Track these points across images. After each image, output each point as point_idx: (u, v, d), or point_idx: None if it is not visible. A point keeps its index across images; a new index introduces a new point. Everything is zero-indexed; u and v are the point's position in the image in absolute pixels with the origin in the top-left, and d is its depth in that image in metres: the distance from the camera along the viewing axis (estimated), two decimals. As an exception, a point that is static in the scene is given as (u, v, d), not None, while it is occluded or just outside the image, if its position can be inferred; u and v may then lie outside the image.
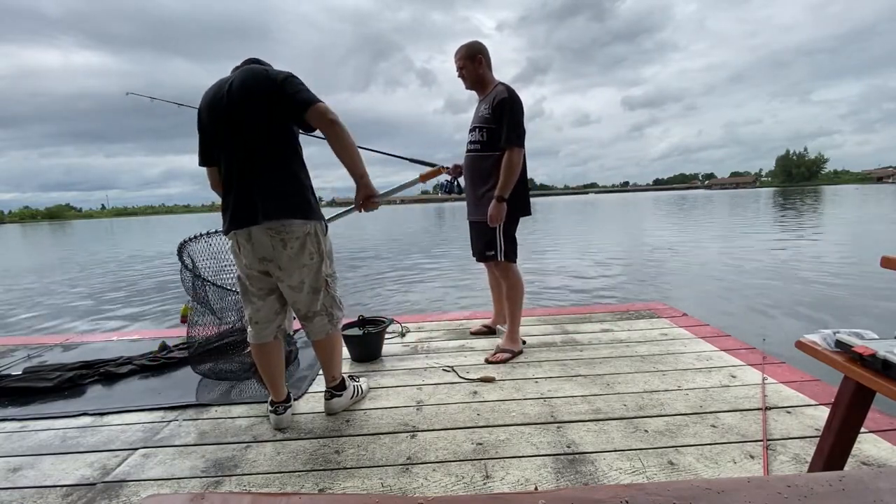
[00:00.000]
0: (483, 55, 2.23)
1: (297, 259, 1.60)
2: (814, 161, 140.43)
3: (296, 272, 1.62)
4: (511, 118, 2.13)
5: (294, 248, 1.59)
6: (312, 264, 1.64)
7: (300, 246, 1.60)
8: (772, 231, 12.51)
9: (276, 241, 1.57)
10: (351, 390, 1.87)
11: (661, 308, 3.12)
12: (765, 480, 0.51)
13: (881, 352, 0.94)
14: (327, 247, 1.71)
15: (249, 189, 1.56)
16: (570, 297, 5.69)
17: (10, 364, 2.53)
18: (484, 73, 2.26)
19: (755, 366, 2.08)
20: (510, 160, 2.12)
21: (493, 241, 2.28)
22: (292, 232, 1.57)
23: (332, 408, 1.81)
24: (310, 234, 1.61)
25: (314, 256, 1.64)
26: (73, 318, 5.80)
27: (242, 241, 1.60)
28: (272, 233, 1.56)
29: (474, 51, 2.23)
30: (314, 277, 1.66)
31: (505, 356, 2.27)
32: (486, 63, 2.25)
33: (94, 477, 1.46)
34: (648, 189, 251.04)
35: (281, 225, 1.55)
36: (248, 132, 1.55)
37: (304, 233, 1.59)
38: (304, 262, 1.62)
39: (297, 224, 1.58)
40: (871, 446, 1.43)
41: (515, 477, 1.35)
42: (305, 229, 1.60)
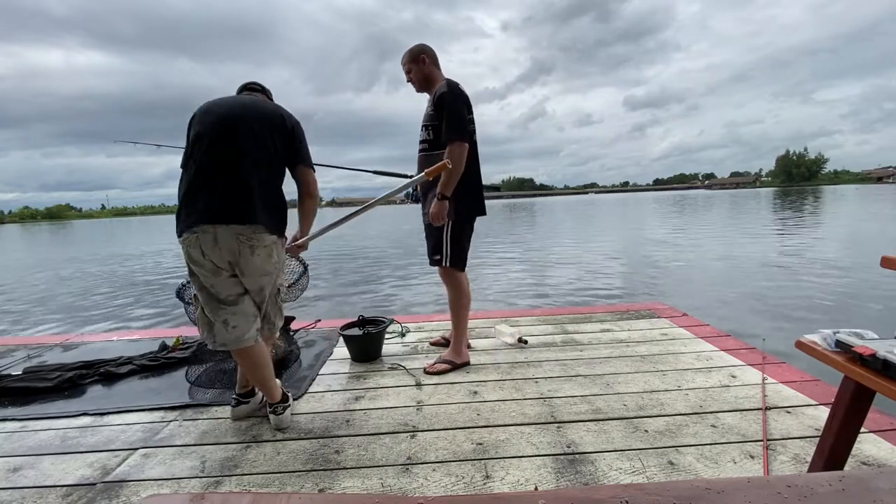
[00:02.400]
0: (426, 54, 2.19)
1: (263, 266, 1.63)
2: (814, 161, 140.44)
3: (259, 278, 1.64)
4: (450, 112, 2.03)
5: (261, 255, 1.61)
6: (274, 273, 1.69)
7: (267, 254, 1.63)
8: (772, 231, 12.51)
9: (245, 247, 1.57)
10: (259, 397, 1.85)
11: (661, 308, 3.12)
12: (765, 480, 0.51)
13: (881, 352, 0.94)
14: (283, 258, 1.78)
15: (243, 188, 1.56)
16: (570, 297, 5.69)
17: (10, 364, 2.52)
18: (430, 73, 2.20)
19: (755, 366, 2.08)
20: (450, 155, 2.01)
21: (439, 245, 2.18)
22: (262, 240, 1.60)
23: (236, 414, 1.81)
24: (276, 244, 1.67)
25: (277, 266, 1.70)
26: (73, 318, 5.80)
27: (207, 243, 1.55)
28: (242, 238, 1.56)
29: (417, 52, 2.19)
30: (271, 286, 1.71)
31: (443, 367, 2.18)
32: (431, 62, 2.20)
33: (94, 477, 1.46)
34: (648, 189, 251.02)
35: (253, 231, 1.57)
36: (254, 143, 1.61)
37: (271, 242, 1.64)
38: (269, 270, 1.66)
39: (266, 234, 1.61)
40: (871, 446, 1.43)
41: (515, 477, 1.35)
42: (273, 239, 1.65)
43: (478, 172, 2.20)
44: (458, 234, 2.16)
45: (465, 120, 2.07)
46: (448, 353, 2.26)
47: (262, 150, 1.62)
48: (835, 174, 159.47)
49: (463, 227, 2.19)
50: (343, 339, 2.42)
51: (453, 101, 2.05)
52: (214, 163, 1.57)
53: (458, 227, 2.16)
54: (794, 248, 8.94)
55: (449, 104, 2.05)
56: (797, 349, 1.12)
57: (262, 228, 1.60)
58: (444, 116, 2.05)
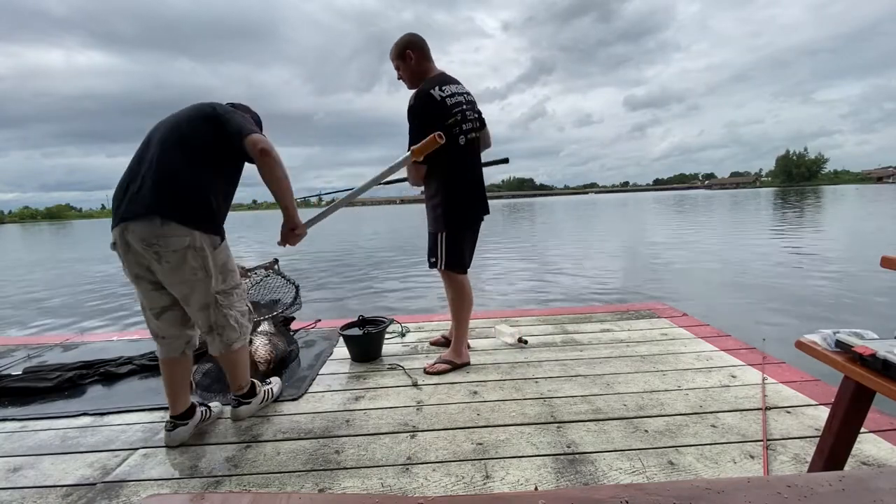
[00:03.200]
0: (412, 48, 2.05)
1: (177, 274, 1.48)
2: (814, 161, 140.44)
3: (178, 287, 1.51)
4: (410, 125, 2.00)
5: (171, 262, 1.45)
6: (197, 280, 1.51)
7: (179, 260, 1.46)
8: (772, 231, 12.51)
9: (150, 254, 1.44)
10: (261, 396, 1.83)
11: (661, 308, 3.12)
12: (765, 480, 0.51)
13: (881, 352, 0.94)
14: (220, 261, 1.57)
15: (157, 175, 1.45)
16: (570, 297, 5.69)
17: (10, 364, 2.52)
18: (418, 69, 2.07)
19: (755, 366, 2.08)
20: (408, 171, 2.07)
21: (434, 248, 2.15)
22: (167, 245, 1.43)
23: (237, 415, 1.77)
24: (192, 248, 1.46)
25: (198, 272, 1.50)
26: (73, 318, 5.80)
27: (121, 247, 1.47)
28: (144, 245, 1.43)
29: (402, 48, 2.06)
30: (201, 294, 1.54)
31: (443, 367, 2.17)
32: (419, 57, 2.06)
33: (94, 477, 1.46)
34: (648, 189, 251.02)
35: (154, 237, 1.41)
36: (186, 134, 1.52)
37: (182, 246, 1.44)
38: (187, 278, 1.49)
39: (176, 237, 1.43)
40: (871, 446, 1.43)
41: (515, 477, 1.35)
42: (185, 242, 1.45)
43: (468, 175, 2.10)
44: (453, 237, 2.12)
45: (420, 131, 1.91)
46: (448, 353, 2.26)
47: (185, 137, 1.51)
48: (835, 174, 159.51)
49: (458, 234, 2.13)
50: (343, 339, 2.42)
51: (409, 114, 2.00)
52: (137, 160, 1.52)
53: (451, 235, 2.12)
54: (794, 248, 8.94)
55: (408, 117, 2.01)
56: (797, 349, 1.12)
57: (172, 225, 1.41)
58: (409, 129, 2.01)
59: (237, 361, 1.72)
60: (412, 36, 2.08)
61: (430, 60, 2.10)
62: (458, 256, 2.16)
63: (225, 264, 1.60)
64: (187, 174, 1.49)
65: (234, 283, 1.65)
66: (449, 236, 2.12)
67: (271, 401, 1.89)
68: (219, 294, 1.58)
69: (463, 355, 2.24)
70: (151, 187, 1.45)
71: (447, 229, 2.10)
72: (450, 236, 2.12)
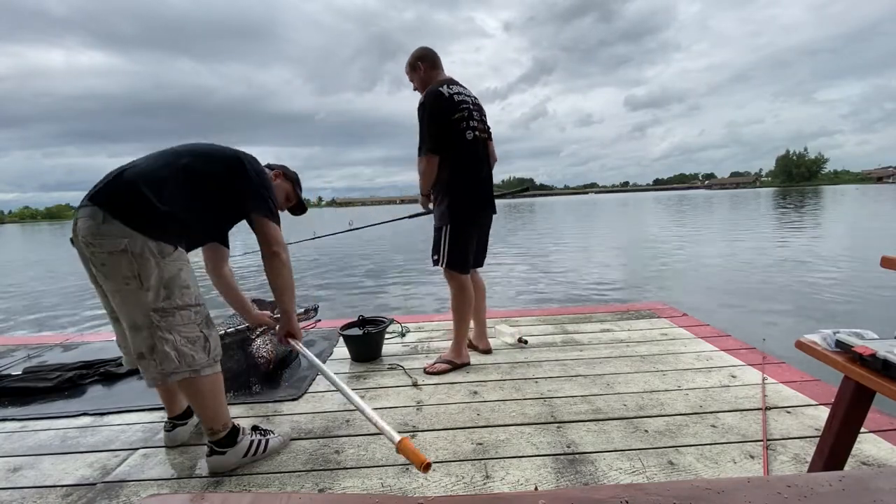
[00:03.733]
0: (423, 60, 2.18)
1: (109, 281, 1.28)
2: (814, 161, 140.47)
3: (113, 296, 1.31)
4: (419, 124, 2.07)
5: (105, 265, 1.26)
6: (127, 291, 1.27)
7: (113, 264, 1.25)
8: (772, 231, 12.51)
9: (89, 254, 1.28)
10: (245, 446, 1.46)
11: (661, 308, 3.12)
12: (765, 480, 0.51)
13: (881, 352, 0.94)
14: (168, 273, 1.30)
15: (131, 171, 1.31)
16: (570, 297, 5.69)
17: (10, 364, 2.52)
18: (428, 78, 2.17)
19: (755, 366, 2.08)
20: (418, 165, 2.10)
21: (437, 246, 2.18)
22: (102, 244, 1.24)
23: (210, 466, 1.44)
24: (127, 252, 1.24)
25: (130, 282, 1.26)
26: (73, 318, 5.80)
27: (77, 248, 1.35)
28: (83, 241, 1.27)
29: (413, 61, 2.20)
30: (131, 309, 1.29)
31: (443, 367, 2.18)
32: (428, 67, 2.18)
33: (94, 477, 1.46)
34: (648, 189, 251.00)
35: (92, 234, 1.25)
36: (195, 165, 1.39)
37: (117, 248, 1.24)
38: (119, 287, 1.27)
39: (112, 237, 1.24)
40: (871, 446, 1.43)
41: (515, 477, 1.35)
42: (120, 244, 1.24)
43: (476, 170, 2.13)
44: (456, 236, 2.13)
45: (432, 132, 2.03)
46: (448, 353, 2.26)
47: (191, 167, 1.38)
48: (835, 174, 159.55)
49: (462, 230, 2.14)
50: (343, 339, 2.42)
51: (419, 115, 2.08)
52: None
53: (456, 230, 2.13)
54: (794, 248, 8.94)
55: (418, 118, 2.08)
56: (797, 349, 1.12)
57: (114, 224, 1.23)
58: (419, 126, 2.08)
59: (195, 393, 1.39)
60: (423, 49, 2.21)
61: (438, 69, 2.21)
62: (461, 255, 2.16)
63: (174, 278, 1.32)
64: (167, 185, 1.33)
65: (183, 302, 1.34)
66: (453, 231, 2.12)
67: (262, 454, 1.49)
68: (155, 312, 1.29)
69: (463, 355, 2.25)
70: (114, 179, 1.29)
71: (452, 223, 2.12)
72: (454, 231, 2.13)
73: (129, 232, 1.25)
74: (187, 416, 1.66)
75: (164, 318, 1.31)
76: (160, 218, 1.29)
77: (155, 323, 1.30)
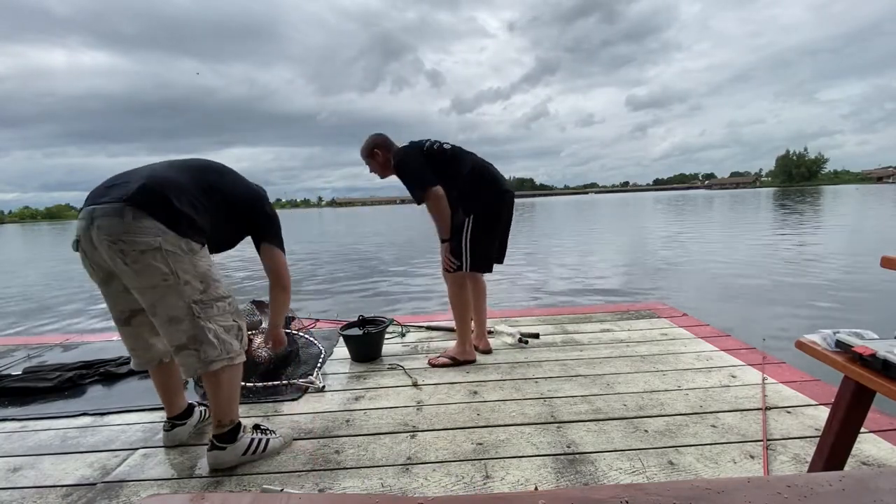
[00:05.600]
0: (380, 147, 2.27)
1: (144, 278, 1.29)
2: (814, 161, 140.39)
3: (146, 294, 1.32)
4: (405, 180, 2.19)
5: (138, 263, 1.27)
6: (165, 287, 1.30)
7: (147, 261, 1.27)
8: (772, 231, 12.51)
9: (115, 254, 1.26)
10: (245, 443, 1.47)
11: (661, 308, 3.12)
12: (765, 480, 0.51)
13: (881, 352, 0.94)
14: (201, 268, 1.37)
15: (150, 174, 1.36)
16: (570, 297, 5.69)
17: (10, 364, 2.53)
18: (386, 161, 2.28)
19: (755, 366, 2.08)
20: (430, 209, 2.16)
21: (458, 252, 2.22)
22: (134, 242, 1.25)
23: (212, 462, 1.45)
24: (161, 249, 1.28)
25: (168, 278, 1.30)
26: (73, 318, 5.80)
27: (88, 250, 1.32)
28: (110, 241, 1.26)
29: (369, 147, 2.28)
30: (172, 303, 1.32)
31: (444, 361, 2.24)
32: (385, 151, 2.27)
33: (94, 477, 1.46)
34: (648, 189, 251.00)
35: (122, 232, 1.25)
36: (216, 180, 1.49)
37: (151, 245, 1.27)
38: (155, 283, 1.30)
39: (145, 235, 1.26)
40: (871, 446, 1.43)
41: (515, 477, 1.35)
42: (155, 242, 1.27)
43: (470, 168, 2.22)
44: (477, 237, 2.19)
45: (417, 171, 2.15)
46: (453, 349, 2.30)
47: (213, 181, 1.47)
48: (835, 174, 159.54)
49: (482, 230, 2.19)
50: (343, 339, 2.42)
51: (401, 169, 2.20)
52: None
53: (476, 231, 2.18)
54: (794, 248, 8.94)
55: (402, 174, 2.20)
56: (797, 349, 1.12)
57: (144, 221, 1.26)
58: (406, 185, 2.19)
59: (219, 383, 1.42)
60: (377, 137, 2.30)
61: (393, 148, 2.30)
62: (484, 256, 2.26)
63: (206, 273, 1.39)
64: (189, 188, 1.38)
65: (218, 294, 1.41)
66: (473, 233, 2.17)
67: (261, 454, 1.50)
68: (195, 304, 1.35)
69: (467, 353, 2.28)
70: (138, 180, 1.32)
71: (473, 224, 2.17)
72: (474, 233, 2.17)
73: (163, 229, 1.29)
74: (186, 416, 1.66)
75: (204, 309, 1.37)
76: (188, 218, 1.34)
77: (196, 314, 1.35)
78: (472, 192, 2.18)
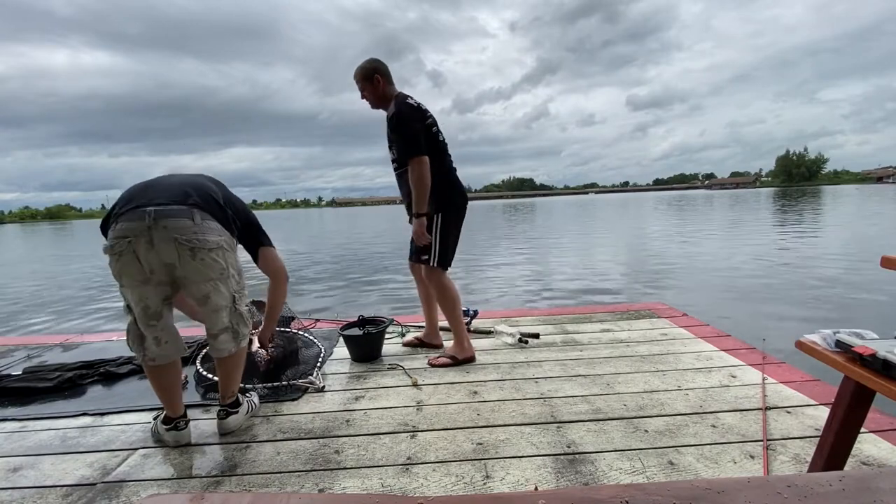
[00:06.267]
0: (380, 73, 2.18)
1: (207, 271, 1.50)
2: (814, 161, 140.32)
3: (202, 285, 1.51)
4: (398, 134, 2.12)
5: (206, 260, 1.48)
6: (223, 279, 1.55)
7: (213, 258, 1.50)
8: (772, 231, 12.51)
9: (184, 251, 1.44)
10: (245, 406, 1.76)
11: (661, 308, 3.12)
12: (765, 480, 0.51)
13: (881, 352, 0.94)
14: (238, 262, 1.65)
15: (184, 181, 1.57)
16: (570, 297, 5.69)
17: (10, 364, 2.52)
18: (384, 92, 2.20)
19: (755, 366, 2.08)
20: (412, 174, 2.09)
21: (428, 247, 2.22)
22: (206, 241, 1.47)
23: (227, 426, 1.68)
24: (223, 247, 1.53)
25: (224, 272, 1.55)
26: (73, 318, 5.80)
27: (142, 247, 1.42)
28: (181, 239, 1.42)
29: (370, 71, 2.18)
30: (224, 293, 1.57)
31: (444, 361, 2.25)
32: (384, 81, 2.19)
33: (94, 477, 1.46)
34: (648, 189, 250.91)
35: (193, 231, 1.44)
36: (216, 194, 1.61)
37: (218, 244, 1.50)
38: (214, 276, 1.52)
39: (214, 234, 1.50)
40: (871, 446, 1.43)
41: (515, 477, 1.35)
42: (220, 241, 1.52)
43: (451, 168, 2.26)
44: (446, 235, 2.23)
45: (416, 135, 2.11)
46: (452, 348, 2.32)
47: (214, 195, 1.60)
48: (835, 174, 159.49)
49: (451, 229, 2.24)
50: (343, 339, 2.42)
51: (399, 121, 2.12)
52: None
53: (445, 229, 2.22)
54: (794, 248, 8.94)
55: (397, 125, 2.12)
56: (797, 349, 1.12)
57: (210, 222, 1.49)
58: (396, 138, 2.15)
59: (239, 362, 1.71)
60: (378, 62, 2.21)
61: (393, 86, 2.24)
62: (448, 252, 2.26)
63: (240, 267, 1.67)
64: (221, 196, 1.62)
65: (244, 283, 1.70)
66: (443, 230, 2.21)
67: (255, 411, 1.82)
68: (237, 293, 1.63)
69: (466, 350, 2.29)
70: (180, 185, 1.52)
71: (442, 222, 2.20)
72: (444, 230, 2.21)
73: (223, 229, 1.54)
74: (186, 415, 1.67)
75: (241, 296, 1.66)
76: (233, 220, 1.61)
77: (236, 300, 1.63)
78: (445, 190, 2.20)
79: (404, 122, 2.11)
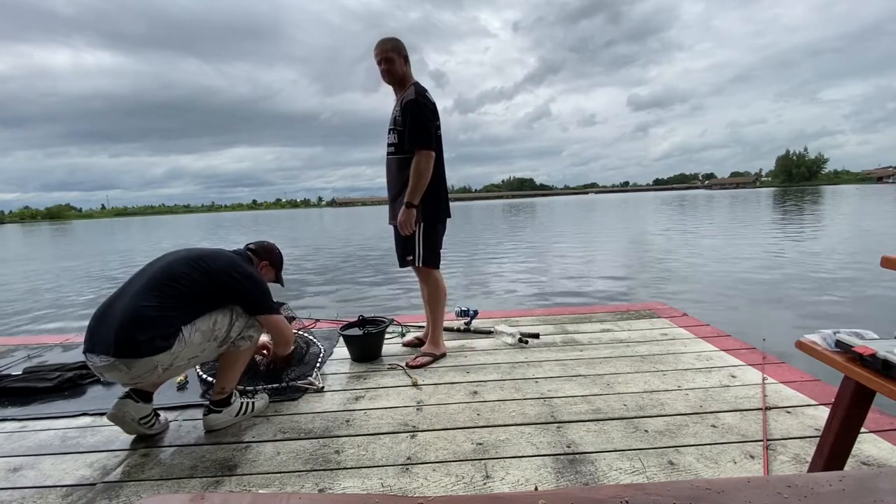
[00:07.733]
0: (406, 55, 2.19)
1: (173, 373, 1.58)
2: (814, 161, 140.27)
3: (182, 367, 1.59)
4: (414, 121, 2.08)
5: (163, 375, 1.55)
6: (191, 360, 1.59)
7: (158, 371, 1.51)
8: (772, 231, 12.51)
9: (132, 383, 1.56)
10: (237, 407, 1.75)
11: (661, 308, 3.12)
12: (765, 480, 0.51)
13: (881, 352, 0.94)
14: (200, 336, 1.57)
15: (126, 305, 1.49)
16: (570, 297, 5.69)
17: (10, 364, 2.52)
18: (405, 72, 2.20)
19: (755, 366, 2.08)
20: (417, 164, 2.07)
21: (411, 247, 2.23)
22: (141, 377, 1.50)
23: (208, 423, 1.70)
24: (158, 367, 1.50)
25: (193, 358, 1.59)
26: (73, 318, 5.80)
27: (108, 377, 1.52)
28: (124, 383, 1.55)
29: (400, 46, 2.16)
30: (205, 357, 1.65)
31: (425, 360, 2.27)
32: (407, 63, 2.20)
33: (94, 477, 1.46)
34: (648, 189, 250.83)
35: (130, 378, 1.50)
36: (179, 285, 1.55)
37: (153, 370, 1.49)
38: (182, 367, 1.58)
39: (145, 367, 1.48)
40: (871, 446, 1.43)
41: (515, 477, 1.35)
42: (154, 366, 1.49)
43: (443, 177, 2.25)
44: (430, 235, 2.23)
45: (431, 128, 2.10)
46: (427, 346, 2.36)
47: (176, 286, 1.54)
48: (835, 174, 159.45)
49: (435, 228, 2.25)
50: (343, 339, 2.42)
51: (419, 110, 2.09)
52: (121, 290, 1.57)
53: (429, 229, 2.23)
54: (794, 248, 8.94)
55: (415, 113, 2.08)
56: (797, 349, 1.12)
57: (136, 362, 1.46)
58: (410, 124, 2.09)
59: (237, 360, 1.73)
60: (401, 42, 2.20)
61: (411, 70, 2.26)
62: (436, 252, 2.28)
63: (208, 331, 1.59)
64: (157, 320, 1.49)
65: (226, 325, 1.63)
66: (427, 228, 2.21)
67: (249, 415, 1.79)
68: (223, 346, 1.66)
69: (441, 346, 2.35)
70: (120, 324, 1.45)
71: (425, 220, 2.20)
72: (427, 228, 2.21)
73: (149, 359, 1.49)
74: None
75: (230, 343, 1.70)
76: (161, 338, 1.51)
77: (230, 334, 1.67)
78: (434, 192, 2.19)
79: (423, 114, 2.09)
